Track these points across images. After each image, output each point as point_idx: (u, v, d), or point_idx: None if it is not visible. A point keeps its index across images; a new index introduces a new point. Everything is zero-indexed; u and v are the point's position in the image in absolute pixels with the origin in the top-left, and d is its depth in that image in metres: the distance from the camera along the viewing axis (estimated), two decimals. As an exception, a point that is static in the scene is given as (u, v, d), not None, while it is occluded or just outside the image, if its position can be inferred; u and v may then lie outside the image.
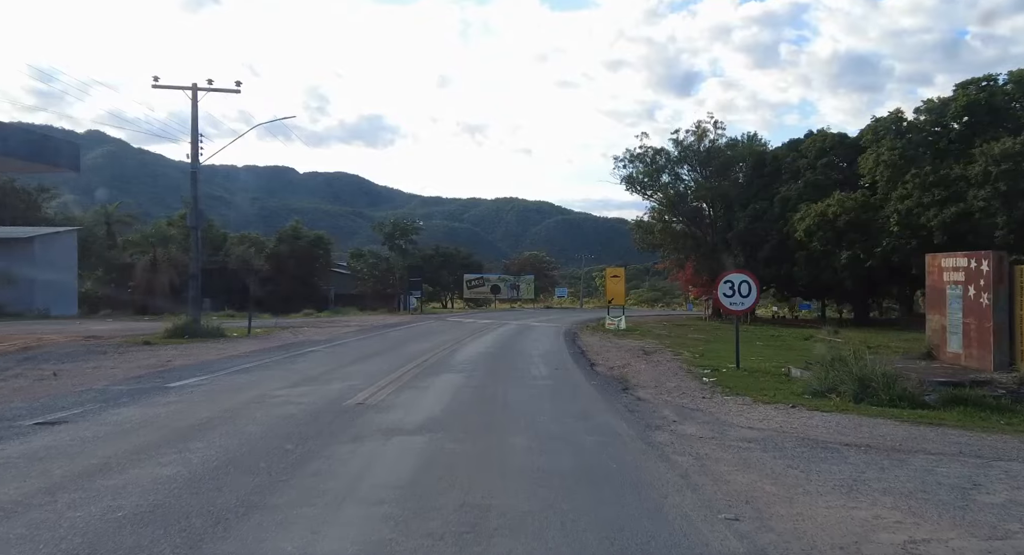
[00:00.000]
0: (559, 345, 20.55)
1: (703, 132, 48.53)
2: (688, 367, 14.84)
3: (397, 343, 19.14)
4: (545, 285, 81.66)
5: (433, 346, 17.82)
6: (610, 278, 30.92)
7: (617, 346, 20.96)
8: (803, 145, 45.13)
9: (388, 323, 28.07)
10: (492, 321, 33.56)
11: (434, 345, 18.16)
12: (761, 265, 42.74)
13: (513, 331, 26.34)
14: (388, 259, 43.79)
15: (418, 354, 15.66)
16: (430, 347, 17.54)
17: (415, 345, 18.21)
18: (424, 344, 18.58)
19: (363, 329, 24.32)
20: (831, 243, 34.23)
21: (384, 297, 44.52)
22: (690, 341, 25.51)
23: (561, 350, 18.57)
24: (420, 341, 19.76)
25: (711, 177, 48.41)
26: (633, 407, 9.30)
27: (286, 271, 43.33)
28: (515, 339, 22.18)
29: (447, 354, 16.03)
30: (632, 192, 50.82)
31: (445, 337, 21.60)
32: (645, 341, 24.10)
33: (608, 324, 30.32)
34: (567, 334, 26.37)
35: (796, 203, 41.83)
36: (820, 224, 34.26)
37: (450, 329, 26.29)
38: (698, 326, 39.34)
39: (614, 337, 25.93)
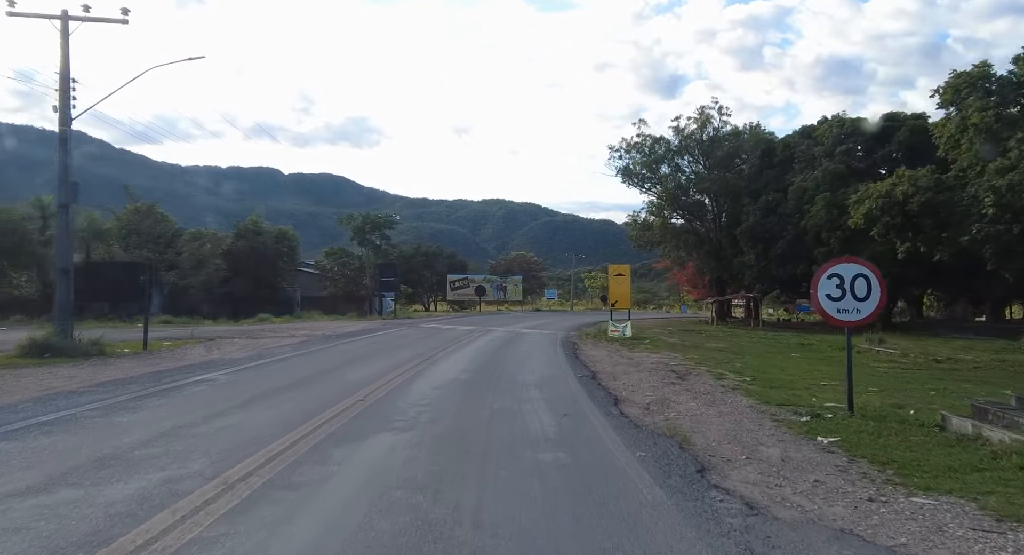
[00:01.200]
0: (559, 363, 15.29)
1: (706, 119, 43.58)
2: (761, 405, 9.63)
3: (340, 364, 13.76)
4: (533, 287, 76.42)
5: (385, 369, 12.46)
6: (614, 277, 25.71)
7: (634, 363, 15.72)
8: (817, 132, 40.27)
9: (348, 331, 22.72)
10: (475, 328, 28.21)
11: (387, 367, 12.81)
12: (774, 263, 37.82)
13: (499, 342, 21.04)
14: (360, 257, 38.29)
15: (357, 385, 10.32)
16: (380, 371, 12.20)
17: (361, 368, 12.86)
18: (375, 366, 13.23)
19: (310, 340, 18.92)
20: (897, 231, 27.62)
21: (356, 300, 39.06)
22: (715, 353, 20.38)
23: (564, 373, 13.30)
24: (372, 360, 14.40)
25: (714, 168, 43.44)
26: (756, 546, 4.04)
27: (244, 271, 37.72)
28: (501, 355, 16.88)
29: (400, 385, 10.69)
30: (629, 185, 45.80)
31: (408, 353, 16.24)
32: (663, 353, 18.92)
33: (612, 332, 25.12)
34: (565, 344, 21.12)
35: (813, 194, 36.88)
36: (885, 208, 27.95)
37: (420, 340, 20.96)
38: (708, 332, 34.24)
39: (622, 348, 20.73)
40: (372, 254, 37.98)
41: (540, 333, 26.54)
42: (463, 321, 34.74)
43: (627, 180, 45.36)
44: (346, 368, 12.76)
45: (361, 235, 37.50)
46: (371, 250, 37.76)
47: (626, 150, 45.25)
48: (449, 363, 14.22)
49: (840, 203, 35.18)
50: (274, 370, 12.22)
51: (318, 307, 39.62)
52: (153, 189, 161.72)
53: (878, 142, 37.34)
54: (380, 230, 37.31)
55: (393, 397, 9.31)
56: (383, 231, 37.88)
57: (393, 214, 42.75)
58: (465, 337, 22.43)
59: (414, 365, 13.31)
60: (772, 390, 11.25)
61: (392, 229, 38.47)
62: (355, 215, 39.46)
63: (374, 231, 37.14)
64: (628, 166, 45.22)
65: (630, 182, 45.44)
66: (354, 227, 38.68)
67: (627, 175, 45.30)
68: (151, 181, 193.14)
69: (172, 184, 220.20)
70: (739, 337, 30.67)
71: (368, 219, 38.77)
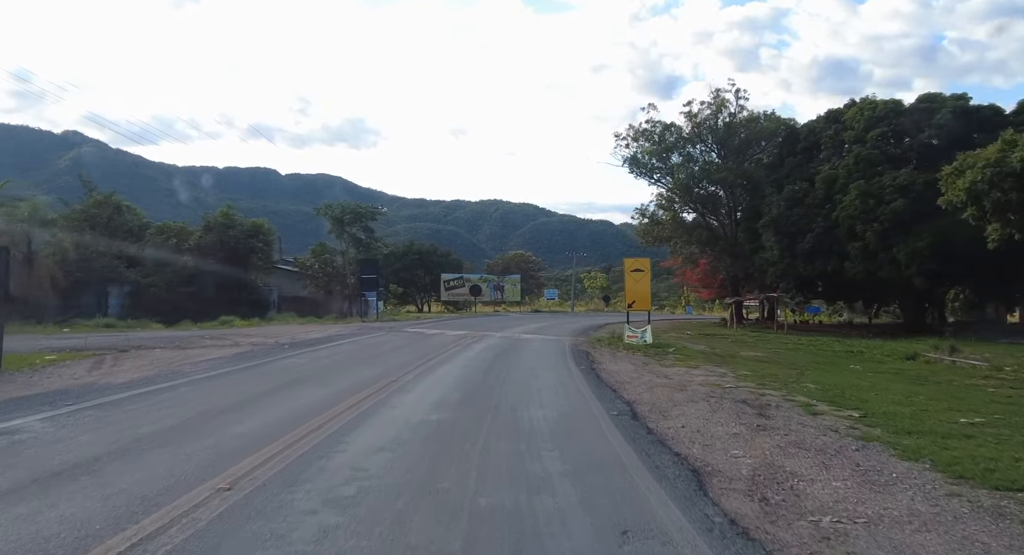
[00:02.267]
0: (577, 388, 10.90)
1: (721, 103, 39.19)
2: (965, 488, 5.22)
3: (258, 394, 9.27)
4: (531, 287, 72.02)
5: (317, 406, 7.98)
6: (630, 274, 21.29)
7: (677, 386, 11.35)
8: (846, 116, 35.93)
9: (310, 338, 18.27)
10: (467, 332, 23.79)
11: (323, 402, 8.30)
12: (801, 260, 33.48)
13: (494, 352, 16.63)
14: (344, 253, 33.62)
15: (238, 451, 5.89)
16: (307, 410, 7.74)
17: (281, 404, 8.32)
18: (306, 398, 8.72)
19: (252, 352, 14.40)
20: (1011, 208, 21.99)
21: (340, 300, 34.59)
22: (763, 366, 16.06)
23: (588, 408, 8.91)
24: (311, 386, 9.93)
25: (730, 157, 39.08)
26: None
27: (213, 268, 33.24)
28: (496, 373, 12.46)
29: (319, 446, 6.24)
30: (637, 175, 41.43)
31: (371, 372, 11.80)
32: (702, 368, 14.58)
33: (629, 338, 20.75)
34: (576, 355, 16.73)
35: (845, 183, 32.58)
36: (995, 180, 21.90)
37: (395, 351, 16.52)
38: (732, 336, 29.86)
39: (648, 359, 16.36)
40: (353, 249, 33.42)
41: (544, 339, 22.13)
42: (455, 324, 30.27)
43: (635, 170, 41.03)
44: (261, 403, 8.29)
45: (340, 227, 32.89)
46: (352, 244, 33.19)
47: (633, 138, 40.93)
48: (421, 391, 9.80)
49: (876, 192, 30.90)
50: (141, 410, 7.75)
51: (297, 308, 35.21)
52: (149, 190, 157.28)
53: (915, 126, 33.01)
54: (362, 222, 32.68)
55: (285, 484, 4.89)
56: (365, 223, 33.23)
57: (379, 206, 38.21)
58: (453, 346, 18.01)
59: (368, 395, 8.88)
60: (924, 441, 6.88)
61: (375, 220, 33.92)
62: (333, 204, 34.47)
63: (355, 223, 32.52)
64: (636, 155, 40.85)
65: (638, 172, 41.12)
66: (332, 217, 33.82)
67: (635, 165, 40.95)
68: (147, 181, 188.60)
69: (169, 184, 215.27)
70: (769, 342, 26.31)
71: (348, 209, 33.93)
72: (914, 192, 29.83)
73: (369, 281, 31.29)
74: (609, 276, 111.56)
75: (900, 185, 30.24)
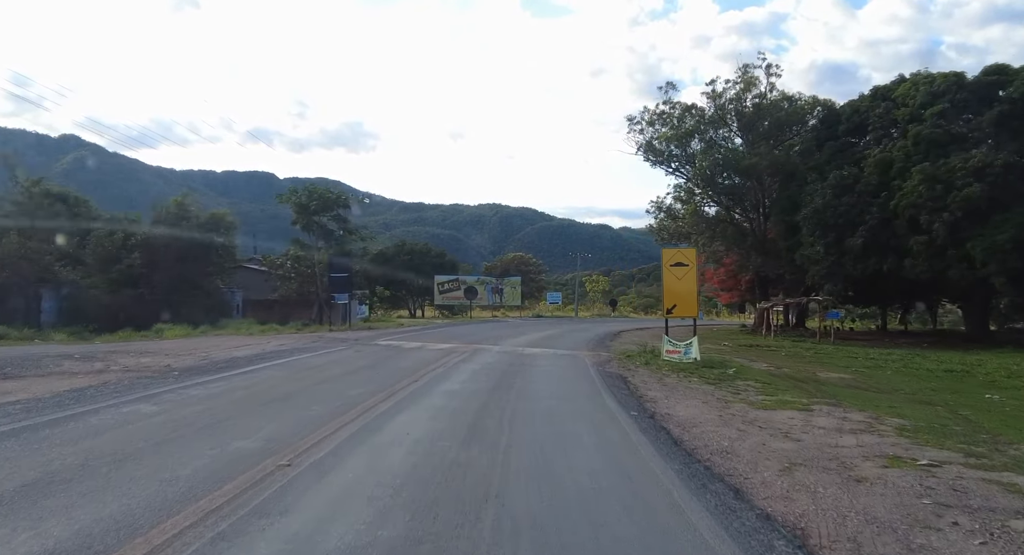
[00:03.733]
0: (652, 477, 5.37)
1: (750, 81, 33.83)
2: None
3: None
4: (531, 290, 66.53)
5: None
6: (669, 269, 15.76)
7: (822, 453, 5.92)
8: (896, 92, 30.65)
9: (234, 358, 12.66)
10: (456, 345, 18.29)
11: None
12: (851, 258, 28.08)
13: (489, 381, 11.10)
14: (315, 249, 27.84)
15: None
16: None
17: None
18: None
19: (89, 393, 8.75)
20: None
21: (310, 303, 29.07)
22: (877, 398, 10.72)
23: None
24: (71, 505, 4.43)
25: (758, 141, 33.74)
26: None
27: (164, 266, 27.84)
28: (492, 434, 6.92)
29: None
30: (653, 164, 36.01)
31: (252, 443, 6.31)
32: (818, 407, 9.19)
33: (669, 353, 15.34)
34: (610, 384, 11.26)
35: (904, 167, 27.25)
36: None
37: (343, 380, 10.97)
38: (784, 348, 24.38)
39: (714, 386, 10.96)
40: (324, 244, 27.79)
41: (556, 355, 16.67)
42: (444, 334, 24.75)
43: (650, 157, 35.65)
44: None
45: (306, 217, 27.12)
46: (322, 238, 27.50)
47: (648, 122, 35.57)
48: (306, 517, 4.32)
49: (944, 176, 25.58)
50: None
51: (265, 314, 29.79)
52: (146, 194, 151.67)
53: (981, 101, 27.75)
54: (332, 210, 26.96)
55: None
56: (336, 212, 27.45)
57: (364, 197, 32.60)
58: (431, 369, 12.54)
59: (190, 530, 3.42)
60: None
61: (347, 208, 28.20)
62: (298, 190, 28.61)
63: (324, 212, 26.87)
64: (651, 141, 35.50)
65: (654, 160, 35.74)
66: (296, 204, 28.46)
67: (650, 152, 35.59)
68: (145, 186, 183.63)
69: (167, 189, 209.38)
70: (829, 355, 20.88)
71: (315, 194, 27.98)
72: (992, 176, 24.54)
73: (340, 282, 25.53)
74: (611, 279, 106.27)
75: (975, 167, 24.93)
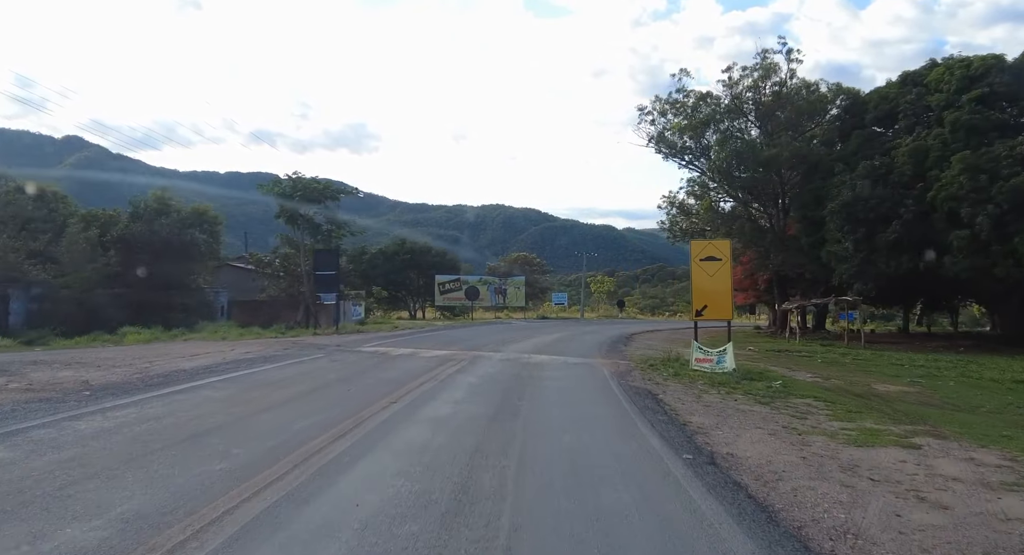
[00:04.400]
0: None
1: (769, 68, 31.46)
2: None
3: None
4: (535, 291, 64.15)
5: None
6: (699, 263, 13.41)
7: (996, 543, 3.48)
8: (928, 78, 28.24)
9: (182, 370, 10.29)
10: (453, 352, 15.94)
11: None
12: (883, 254, 25.64)
13: (489, 402, 8.73)
14: (307, 245, 25.09)
15: None
16: None
17: None
18: None
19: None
20: None
21: (298, 304, 26.66)
22: (969, 420, 8.35)
23: None
24: None
25: (778, 132, 31.35)
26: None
27: (142, 265, 25.60)
28: (487, 507, 4.55)
29: None
30: (665, 156, 33.65)
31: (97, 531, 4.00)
32: (900, 428, 6.82)
33: (698, 362, 13.02)
34: (639, 403, 8.90)
35: (941, 155, 24.85)
36: None
37: (303, 401, 8.58)
38: (804, 351, 22.03)
39: (772, 409, 8.62)
40: (311, 239, 25.26)
41: (567, 364, 14.33)
42: (442, 337, 22.41)
43: (662, 150, 33.30)
44: None
45: (292, 210, 24.58)
46: (308, 233, 24.95)
47: (660, 112, 33.21)
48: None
49: (987, 166, 23.19)
50: None
51: (251, 315, 27.52)
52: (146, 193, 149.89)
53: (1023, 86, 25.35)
54: (318, 201, 24.37)
55: None
56: (324, 204, 24.85)
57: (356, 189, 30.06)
58: (418, 383, 10.22)
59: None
60: None
61: (337, 201, 25.49)
62: (281, 179, 25.58)
63: (311, 204, 24.30)
64: (663, 132, 33.16)
65: (666, 153, 33.38)
66: (279, 193, 24.59)
67: (662, 144, 33.23)
68: (148, 187, 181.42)
69: (170, 190, 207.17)
70: (878, 364, 18.46)
71: (299, 184, 24.65)
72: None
73: (326, 280, 23.08)
74: (615, 280, 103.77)
75: (1022, 155, 22.55)
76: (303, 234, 24.97)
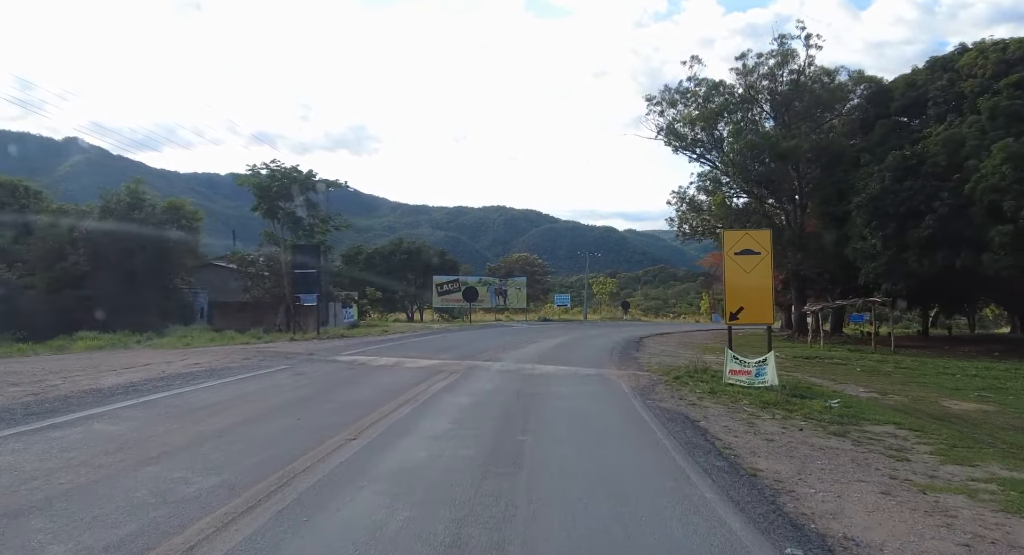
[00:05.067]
0: None
1: (786, 54, 29.27)
2: None
3: None
4: (536, 292, 61.94)
5: None
6: (733, 258, 11.27)
7: None
8: (959, 63, 26.06)
9: (111, 386, 8.18)
10: (444, 361, 13.70)
11: None
12: (915, 251, 23.42)
13: (485, 439, 6.57)
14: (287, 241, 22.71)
15: None
16: None
17: None
18: None
19: None
20: None
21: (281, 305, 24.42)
22: None
23: None
24: None
25: (795, 122, 29.16)
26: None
27: (113, 263, 23.46)
28: None
29: None
30: (675, 149, 31.46)
31: None
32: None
33: (732, 375, 10.83)
34: (668, 424, 6.69)
35: (979, 144, 22.62)
36: None
37: (200, 452, 6.56)
38: (836, 358, 19.77)
39: (866, 449, 6.36)
40: (291, 235, 22.89)
41: (577, 375, 12.15)
42: (435, 343, 20.20)
43: (672, 143, 31.12)
44: None
45: (269, 202, 22.15)
46: (289, 228, 22.57)
47: (669, 102, 31.03)
48: None
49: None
50: None
51: (235, 318, 25.36)
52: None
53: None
54: (302, 194, 21.87)
55: None
56: (306, 196, 22.34)
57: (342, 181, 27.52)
58: (393, 407, 8.02)
59: None
60: None
61: (315, 192, 22.91)
62: (259, 168, 22.80)
63: (290, 197, 21.80)
64: (673, 124, 30.98)
65: (676, 145, 31.19)
66: (255, 186, 22.24)
67: (671, 136, 31.05)
68: (148, 187, 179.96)
69: (170, 191, 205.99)
70: (925, 373, 16.21)
71: (278, 175, 22.27)
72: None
73: (306, 279, 20.80)
74: (617, 281, 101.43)
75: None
76: (283, 229, 22.73)
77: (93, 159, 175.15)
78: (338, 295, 28.08)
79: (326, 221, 23.83)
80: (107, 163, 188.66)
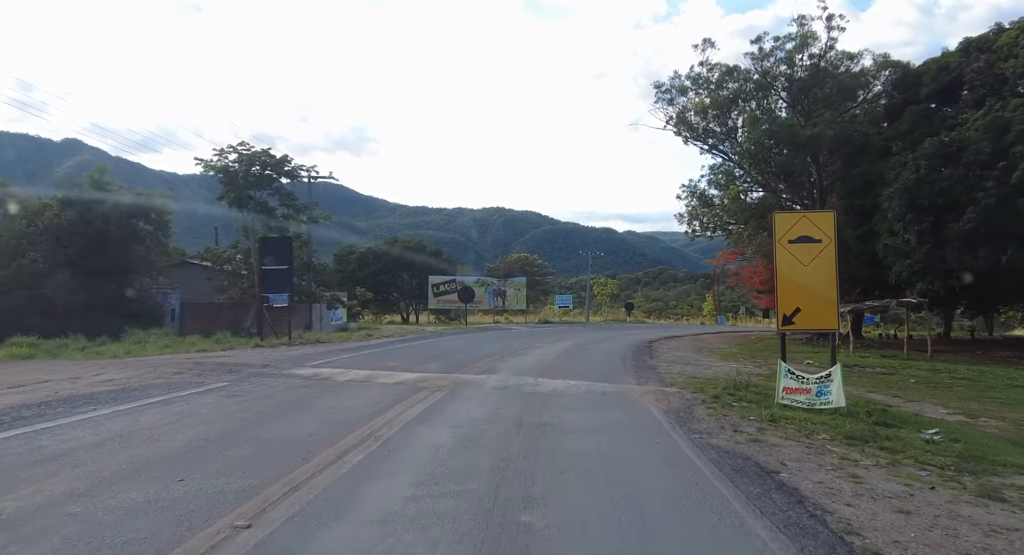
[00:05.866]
0: None
1: (806, 37, 26.91)
2: None
3: None
4: (536, 293, 59.53)
5: None
6: (785, 246, 8.94)
7: None
8: (997, 44, 23.76)
9: None
10: (429, 375, 11.28)
11: None
12: (955, 248, 21.02)
13: (474, 538, 4.21)
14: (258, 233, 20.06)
15: None
16: None
17: None
18: None
19: None
20: None
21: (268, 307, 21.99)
22: None
23: None
24: None
25: (816, 109, 26.82)
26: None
27: (74, 261, 21.07)
28: None
29: None
30: (686, 139, 29.10)
31: None
32: None
33: (788, 393, 8.44)
34: (740, 482, 4.26)
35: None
36: None
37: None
38: (870, 366, 17.38)
39: (1001, 506, 3.90)
40: (262, 228, 20.32)
41: (590, 394, 9.78)
42: (422, 350, 17.78)
43: (683, 133, 28.77)
44: None
45: (238, 191, 19.50)
46: (260, 219, 20.06)
47: (680, 90, 28.67)
48: None
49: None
50: None
51: (210, 320, 22.99)
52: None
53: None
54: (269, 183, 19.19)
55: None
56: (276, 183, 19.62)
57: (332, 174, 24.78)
58: (333, 455, 5.69)
59: None
60: None
61: (293, 179, 20.35)
62: (226, 151, 20.22)
63: (263, 185, 19.34)
64: (683, 112, 28.63)
65: (687, 136, 28.84)
66: (222, 173, 19.76)
67: (682, 125, 28.69)
68: (146, 189, 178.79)
69: (169, 192, 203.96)
70: (990, 385, 13.82)
71: (245, 159, 19.64)
72: None
73: (276, 276, 18.32)
74: (618, 282, 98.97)
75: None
76: (254, 221, 20.28)
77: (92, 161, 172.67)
78: (322, 295, 25.69)
79: (300, 211, 21.36)
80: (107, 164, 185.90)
